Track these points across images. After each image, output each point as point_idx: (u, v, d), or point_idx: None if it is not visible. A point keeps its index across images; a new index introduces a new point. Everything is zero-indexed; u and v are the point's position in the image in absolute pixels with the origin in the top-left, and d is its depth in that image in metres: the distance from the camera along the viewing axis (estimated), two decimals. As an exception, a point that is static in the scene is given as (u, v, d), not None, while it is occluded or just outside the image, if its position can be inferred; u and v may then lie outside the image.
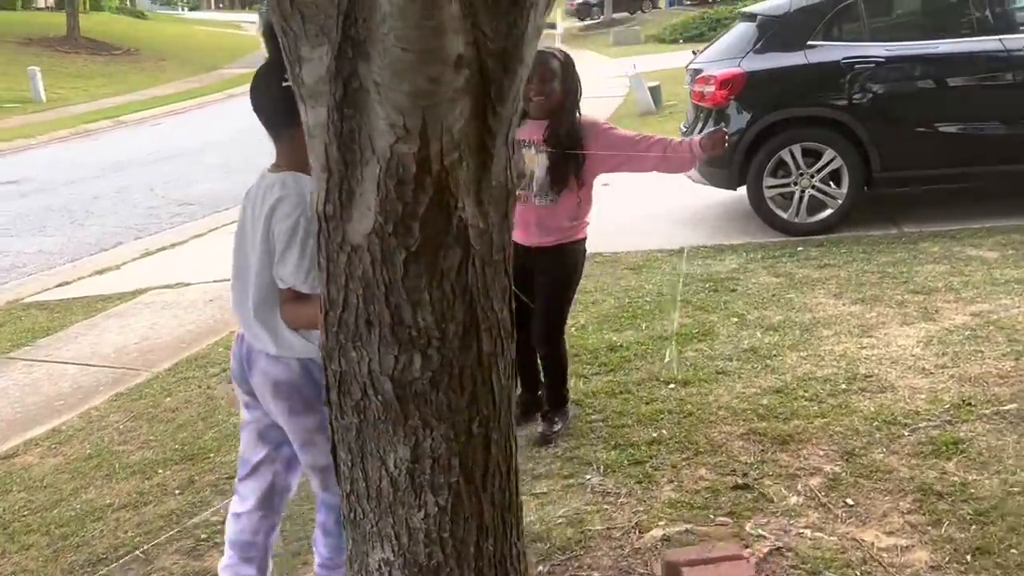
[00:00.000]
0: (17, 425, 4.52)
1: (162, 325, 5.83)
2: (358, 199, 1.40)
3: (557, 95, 3.17)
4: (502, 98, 1.44)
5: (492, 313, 1.52)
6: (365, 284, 1.43)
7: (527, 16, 1.43)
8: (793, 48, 6.05)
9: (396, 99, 1.30)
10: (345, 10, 1.27)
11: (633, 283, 5.40)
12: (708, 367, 3.89)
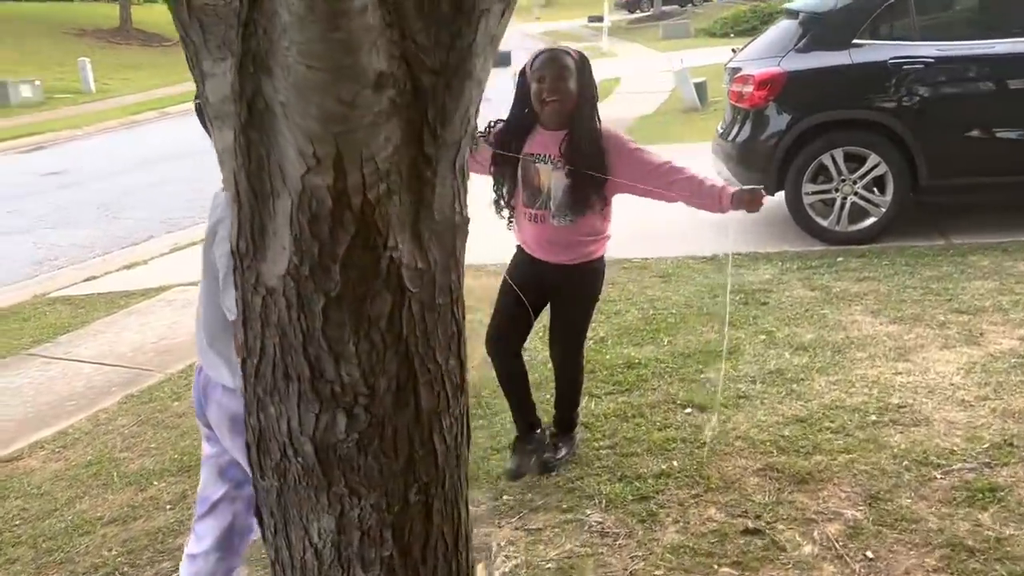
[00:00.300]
0: (27, 426, 4.46)
1: (181, 324, 5.75)
2: (272, 236, 1.22)
3: (573, 97, 2.85)
4: (445, 120, 1.24)
5: (433, 365, 1.32)
6: (281, 332, 1.25)
7: (476, 25, 1.23)
8: (837, 47, 5.73)
9: (304, 124, 1.11)
10: (244, 18, 1.08)
11: (659, 293, 5.16)
12: (729, 390, 3.65)
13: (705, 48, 19.78)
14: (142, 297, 6.42)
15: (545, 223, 2.98)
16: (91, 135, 14.42)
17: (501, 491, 3.07)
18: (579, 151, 2.87)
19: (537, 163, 2.95)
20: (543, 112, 2.90)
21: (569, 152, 2.88)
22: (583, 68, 2.90)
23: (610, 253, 3.11)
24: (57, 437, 4.25)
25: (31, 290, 6.89)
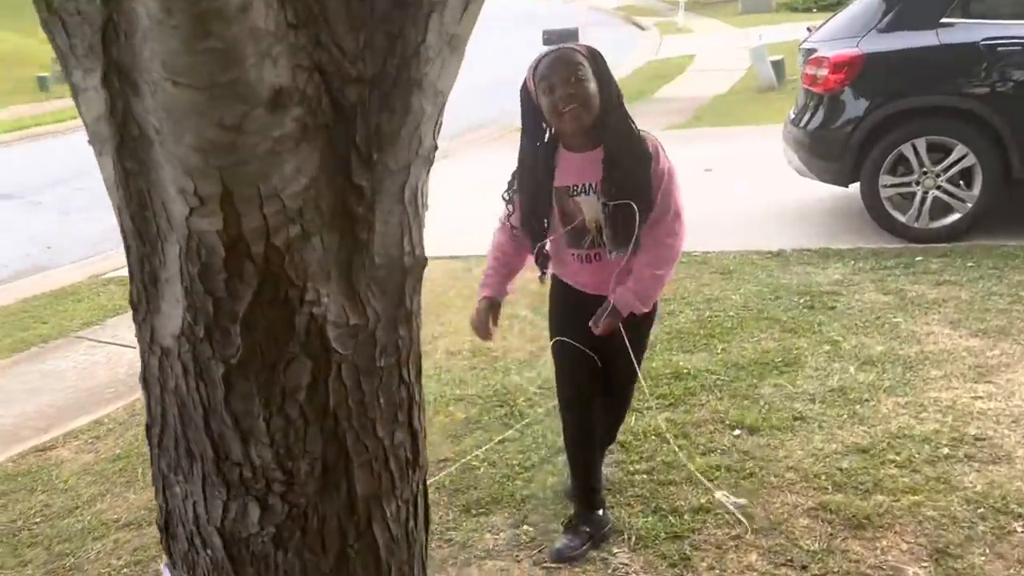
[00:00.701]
0: (65, 413, 4.41)
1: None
2: (164, 285, 1.00)
3: (594, 100, 2.34)
4: (382, 142, 0.99)
5: (372, 441, 1.09)
6: (180, 401, 1.02)
7: (424, 22, 0.97)
8: (923, 26, 5.24)
9: (181, 155, 0.87)
10: (103, 19, 0.85)
11: (718, 292, 4.81)
12: (785, 409, 3.32)
13: (786, 23, 18.93)
14: (192, 281, 6.37)
15: (602, 260, 2.50)
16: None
17: (523, 517, 2.83)
18: (622, 168, 2.37)
19: (576, 197, 2.47)
20: (563, 127, 2.41)
21: (611, 173, 2.38)
22: (597, 63, 2.40)
23: None
24: (92, 427, 4.19)
25: (88, 270, 6.91)
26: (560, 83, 2.34)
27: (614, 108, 2.40)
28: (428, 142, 1.08)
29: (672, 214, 2.43)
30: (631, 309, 2.46)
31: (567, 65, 2.35)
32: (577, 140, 2.44)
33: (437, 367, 4.23)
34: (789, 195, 6.55)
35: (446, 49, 1.05)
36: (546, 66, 2.39)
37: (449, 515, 2.90)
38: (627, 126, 2.43)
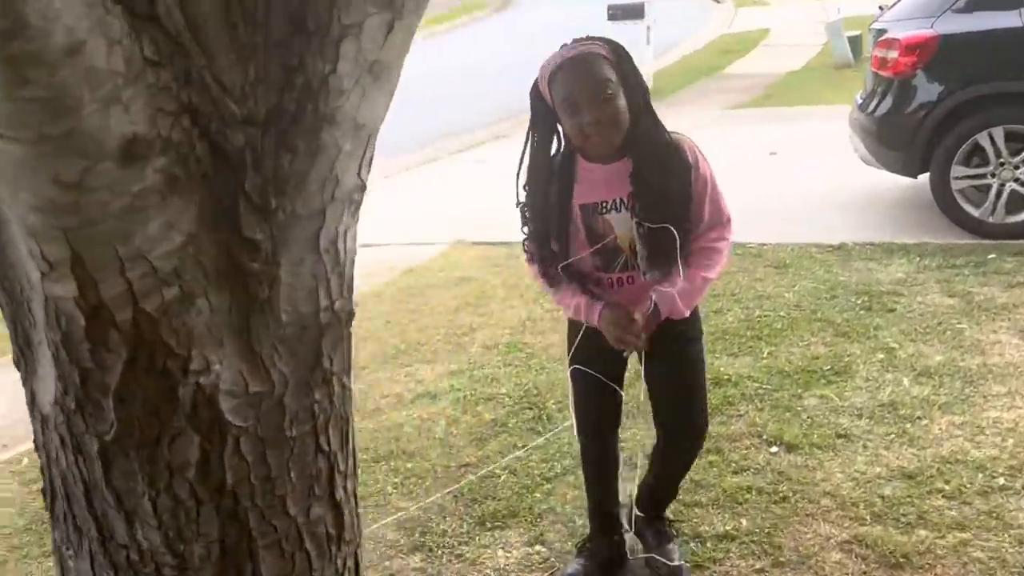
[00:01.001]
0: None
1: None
2: (38, 348, 0.88)
3: (624, 117, 2.06)
4: (283, 188, 0.87)
5: (282, 519, 0.97)
6: (62, 474, 0.92)
7: (334, 50, 0.85)
8: (1005, 7, 4.86)
9: (19, 214, 0.76)
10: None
11: (770, 288, 4.58)
12: (828, 425, 3.11)
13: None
14: (242, 262, 6.38)
15: (636, 283, 2.24)
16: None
17: (539, 534, 2.71)
18: (655, 183, 2.11)
19: (606, 214, 2.19)
20: (588, 149, 2.14)
21: (643, 189, 2.12)
22: (623, 67, 2.08)
23: None
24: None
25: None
26: (587, 104, 2.04)
27: (642, 115, 2.11)
28: (350, 181, 0.95)
29: (724, 220, 2.24)
30: (671, 312, 2.18)
31: (594, 82, 2.04)
32: (602, 155, 2.16)
33: (471, 362, 4.13)
34: (856, 183, 6.22)
35: (367, 78, 0.91)
36: (568, 82, 2.06)
37: (463, 527, 2.80)
38: (658, 133, 2.15)
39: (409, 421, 3.62)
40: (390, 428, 3.59)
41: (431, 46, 18.29)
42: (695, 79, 12.82)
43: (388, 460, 3.32)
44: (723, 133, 9.05)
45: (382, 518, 2.93)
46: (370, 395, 3.94)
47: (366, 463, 3.31)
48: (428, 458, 3.28)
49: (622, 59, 2.10)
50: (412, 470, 3.21)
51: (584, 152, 2.16)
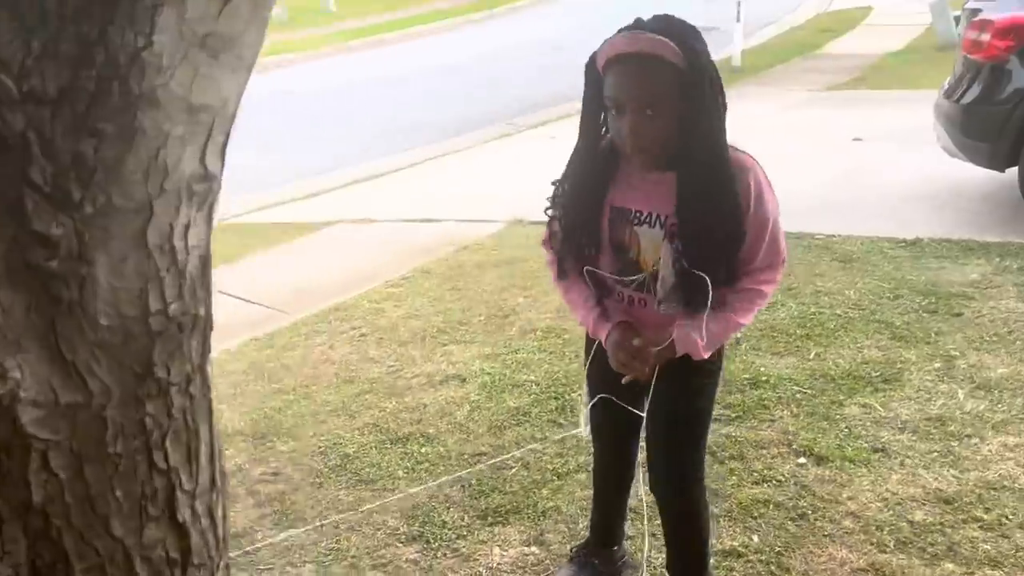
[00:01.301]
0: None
1: (331, 263, 5.69)
2: None
3: (671, 131, 1.77)
4: (88, 177, 0.78)
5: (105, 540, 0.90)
6: None
7: (149, 21, 0.75)
8: (1114, -14, 4.42)
9: None
10: None
11: (831, 284, 4.32)
12: (866, 437, 2.89)
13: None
14: (307, 231, 6.43)
15: (647, 309, 1.98)
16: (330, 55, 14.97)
17: (539, 533, 2.60)
18: (697, 213, 1.82)
19: (638, 226, 1.93)
20: (626, 154, 1.87)
21: (686, 217, 1.84)
22: (691, 72, 1.73)
23: (789, 226, 2.08)
24: None
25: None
26: (631, 112, 1.76)
27: (699, 129, 1.77)
28: (187, 170, 0.85)
29: (779, 262, 1.94)
30: (689, 351, 1.92)
31: (645, 93, 1.74)
32: (647, 165, 1.88)
33: (507, 345, 4.03)
34: (940, 175, 5.82)
35: (198, 54, 0.80)
36: (619, 81, 1.77)
37: (464, 519, 2.71)
38: (715, 156, 1.80)
39: (434, 403, 3.55)
40: (414, 409, 3.53)
41: (512, 21, 18.10)
42: (787, 58, 12.28)
43: (405, 442, 3.26)
44: (807, 116, 8.64)
45: (389, 503, 2.87)
46: (402, 374, 3.89)
47: (382, 444, 3.27)
48: (444, 443, 3.21)
49: (693, 64, 1.73)
50: (426, 455, 3.14)
51: (624, 155, 1.89)
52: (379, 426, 3.42)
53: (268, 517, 2.90)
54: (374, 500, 2.91)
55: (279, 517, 2.90)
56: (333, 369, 4.06)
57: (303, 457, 3.26)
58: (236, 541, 2.78)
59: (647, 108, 1.75)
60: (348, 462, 3.18)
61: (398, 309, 4.71)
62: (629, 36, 1.75)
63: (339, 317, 4.72)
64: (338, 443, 3.33)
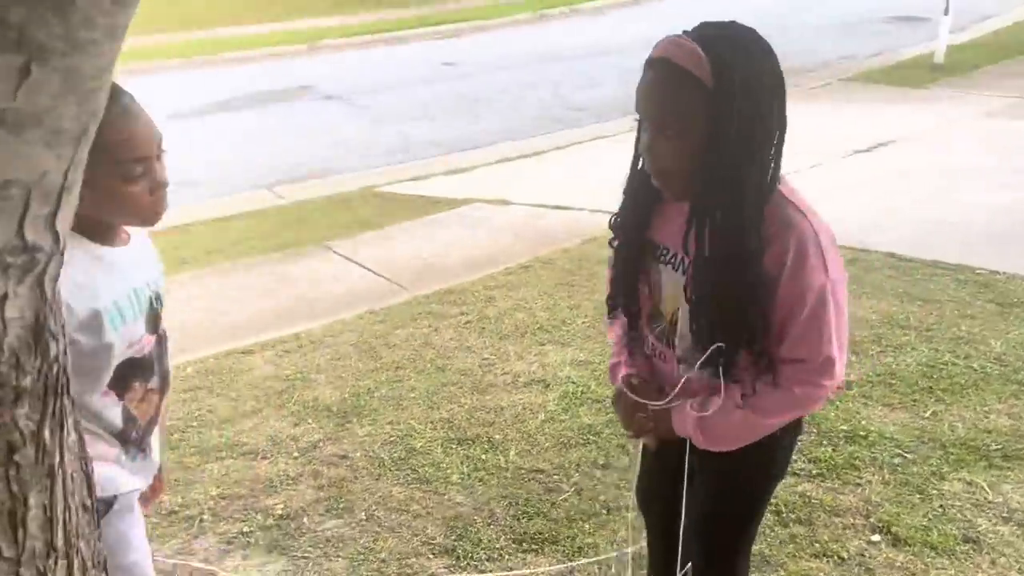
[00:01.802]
0: (281, 319, 4.71)
1: (459, 243, 5.74)
2: None
3: (692, 151, 1.51)
4: None
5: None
6: None
7: None
8: None
9: None
10: None
11: (977, 330, 3.87)
12: (960, 521, 2.57)
13: None
14: (445, 207, 6.51)
15: (667, 365, 1.74)
16: (499, 28, 15.01)
17: (569, 572, 2.48)
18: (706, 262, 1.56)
19: (663, 263, 1.69)
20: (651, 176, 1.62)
21: (698, 262, 1.57)
22: (720, 81, 1.45)
23: (945, 253, 1.70)
24: (291, 339, 4.43)
25: (360, 181, 7.32)
26: (649, 127, 1.54)
27: (727, 162, 1.48)
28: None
29: (819, 362, 1.55)
30: (687, 436, 1.68)
31: (657, 109, 1.52)
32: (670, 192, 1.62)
33: (601, 353, 3.89)
34: None
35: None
36: (638, 91, 1.55)
37: (500, 541, 2.65)
38: (741, 197, 1.50)
39: (511, 407, 3.49)
40: (490, 410, 3.48)
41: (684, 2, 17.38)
42: (1002, 58, 11.08)
43: (470, 444, 3.23)
44: (1006, 127, 7.77)
45: (435, 509, 2.85)
46: (492, 369, 3.86)
47: (449, 442, 3.25)
48: (507, 452, 3.14)
49: (721, 81, 1.45)
50: (485, 462, 3.09)
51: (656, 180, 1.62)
52: (452, 423, 3.41)
53: (322, 503, 2.96)
54: (423, 502, 2.91)
55: (332, 504, 2.95)
56: (430, 354, 4.08)
57: (373, 444, 3.30)
58: (285, 523, 2.85)
59: (665, 127, 1.52)
60: (412, 456, 3.19)
61: (508, 299, 4.67)
62: (668, 41, 1.51)
63: (451, 300, 4.74)
64: (409, 434, 3.34)
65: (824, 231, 1.56)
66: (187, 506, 3.01)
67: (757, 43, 1.50)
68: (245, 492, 3.06)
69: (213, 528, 2.88)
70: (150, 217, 1.64)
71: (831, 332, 1.54)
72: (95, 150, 1.46)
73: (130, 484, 1.75)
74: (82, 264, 1.57)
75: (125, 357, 1.64)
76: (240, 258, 5.66)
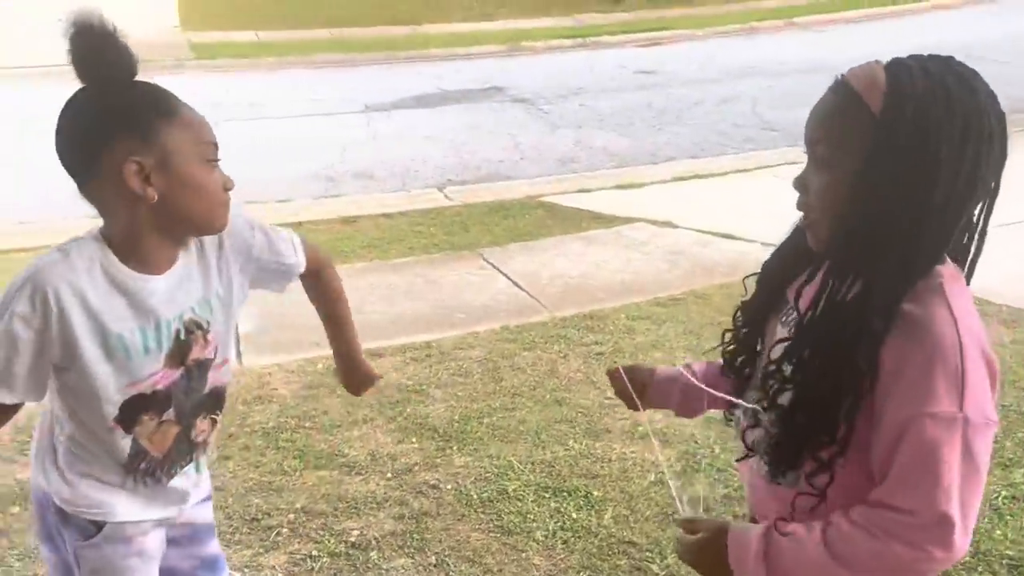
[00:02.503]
0: (417, 323, 4.65)
1: (611, 264, 5.48)
2: None
3: (826, 190, 1.26)
4: None
5: None
6: None
7: None
8: None
9: None
10: None
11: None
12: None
13: None
14: (605, 224, 6.25)
15: (749, 462, 1.42)
16: (707, 38, 14.40)
17: None
18: (805, 334, 1.28)
19: (785, 322, 1.40)
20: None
21: (801, 337, 1.29)
22: (891, 109, 1.18)
23: None
24: (422, 347, 4.34)
25: (525, 190, 7.16)
26: (807, 151, 1.30)
27: (884, 205, 1.19)
28: None
29: (936, 519, 1.15)
30: (735, 562, 1.27)
31: (811, 129, 1.29)
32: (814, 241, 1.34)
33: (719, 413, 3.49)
34: None
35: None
36: (813, 108, 1.31)
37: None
38: (893, 261, 1.20)
39: (620, 459, 3.20)
40: (596, 459, 3.21)
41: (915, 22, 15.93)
42: None
43: (566, 497, 2.98)
44: None
45: (508, 566, 2.62)
46: (612, 411, 3.58)
47: (544, 490, 3.03)
48: (602, 515, 2.86)
49: (893, 108, 1.18)
50: (573, 523, 2.82)
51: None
52: (553, 467, 3.16)
53: (398, 536, 2.82)
54: (499, 556, 2.70)
55: (406, 539, 2.80)
56: (552, 384, 3.86)
57: (467, 479, 3.13)
58: (355, 553, 2.72)
59: (815, 153, 1.27)
60: (501, 500, 2.98)
61: (649, 333, 4.36)
62: (861, 64, 1.27)
63: (589, 326, 4.49)
64: (506, 474, 3.13)
65: (974, 353, 1.18)
66: (270, 514, 2.95)
67: (963, 81, 1.19)
68: (328, 510, 2.97)
69: (286, 545, 2.80)
70: (220, 218, 1.51)
71: (951, 483, 1.15)
72: (176, 129, 1.39)
73: (132, 514, 1.63)
74: (102, 287, 1.46)
75: (129, 396, 1.52)
76: (394, 257, 5.67)
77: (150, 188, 1.39)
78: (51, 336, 1.41)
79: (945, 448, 1.15)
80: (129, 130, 1.38)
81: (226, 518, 2.92)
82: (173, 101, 1.45)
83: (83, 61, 1.36)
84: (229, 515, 2.95)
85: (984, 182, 1.20)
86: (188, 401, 1.63)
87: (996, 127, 1.19)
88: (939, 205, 1.18)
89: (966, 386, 1.16)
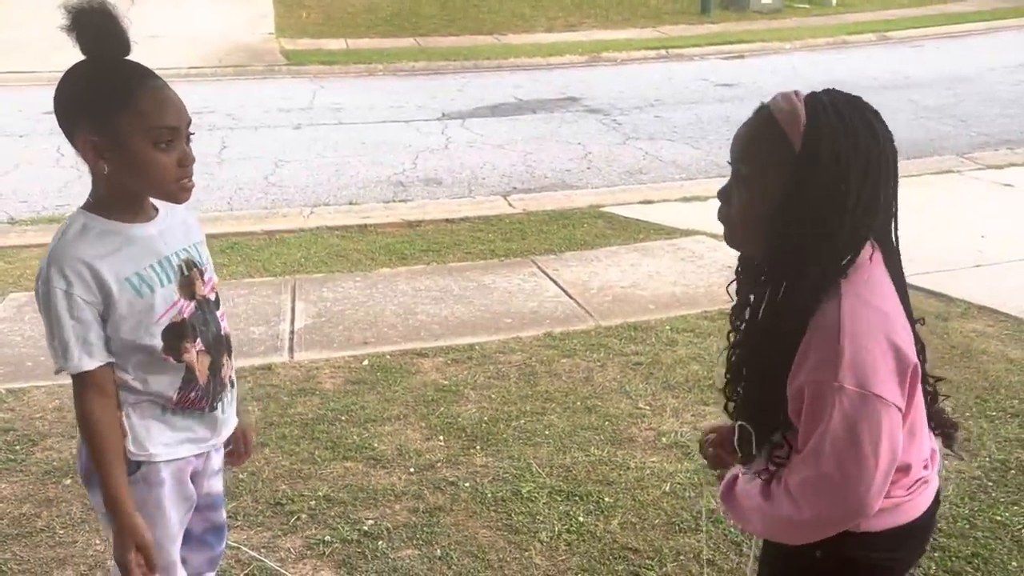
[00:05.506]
0: (464, 326, 4.73)
1: (663, 276, 5.47)
2: None
3: (749, 214, 1.49)
4: None
5: None
6: None
7: None
8: None
9: None
10: None
11: None
12: None
13: None
14: (665, 235, 6.23)
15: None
16: (794, 51, 14.11)
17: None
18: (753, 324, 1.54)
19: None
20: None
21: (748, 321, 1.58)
22: (811, 148, 1.39)
23: None
24: (465, 349, 4.42)
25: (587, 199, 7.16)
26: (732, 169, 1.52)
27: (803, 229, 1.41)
28: None
29: (815, 473, 1.39)
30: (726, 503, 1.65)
31: (749, 151, 1.49)
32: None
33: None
34: None
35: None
36: (739, 129, 1.54)
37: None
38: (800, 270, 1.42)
39: (638, 468, 3.22)
40: (615, 467, 3.23)
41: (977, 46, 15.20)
42: None
43: (575, 501, 3.01)
44: None
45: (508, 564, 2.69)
46: (640, 421, 3.60)
47: (557, 493, 3.09)
48: (609, 521, 2.88)
49: (812, 148, 1.38)
50: (580, 527, 2.86)
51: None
52: (570, 472, 3.20)
53: (409, 528, 2.90)
54: (502, 554, 2.76)
55: (416, 532, 2.88)
56: (585, 391, 3.89)
57: (485, 478, 3.19)
58: (366, 541, 2.82)
59: (740, 175, 1.50)
60: (514, 500, 3.04)
61: (691, 346, 4.34)
62: (782, 93, 1.49)
63: (631, 337, 4.49)
64: (523, 476, 3.19)
65: (862, 330, 1.37)
66: (293, 500, 3.08)
67: (867, 124, 1.43)
68: (348, 499, 3.07)
69: (304, 529, 2.92)
70: (176, 192, 1.72)
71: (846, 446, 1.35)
72: (129, 114, 1.61)
73: (167, 453, 1.79)
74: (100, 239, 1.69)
75: (164, 326, 1.73)
76: (451, 261, 5.77)
77: (102, 162, 1.65)
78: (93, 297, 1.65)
79: (828, 411, 1.35)
80: (89, 115, 1.64)
81: (253, 501, 3.07)
82: (136, 88, 1.66)
83: (80, 36, 1.60)
84: (256, 499, 3.09)
85: (886, 205, 1.44)
86: (208, 333, 1.83)
87: (892, 162, 1.42)
88: (847, 226, 1.40)
89: (842, 359, 1.35)
